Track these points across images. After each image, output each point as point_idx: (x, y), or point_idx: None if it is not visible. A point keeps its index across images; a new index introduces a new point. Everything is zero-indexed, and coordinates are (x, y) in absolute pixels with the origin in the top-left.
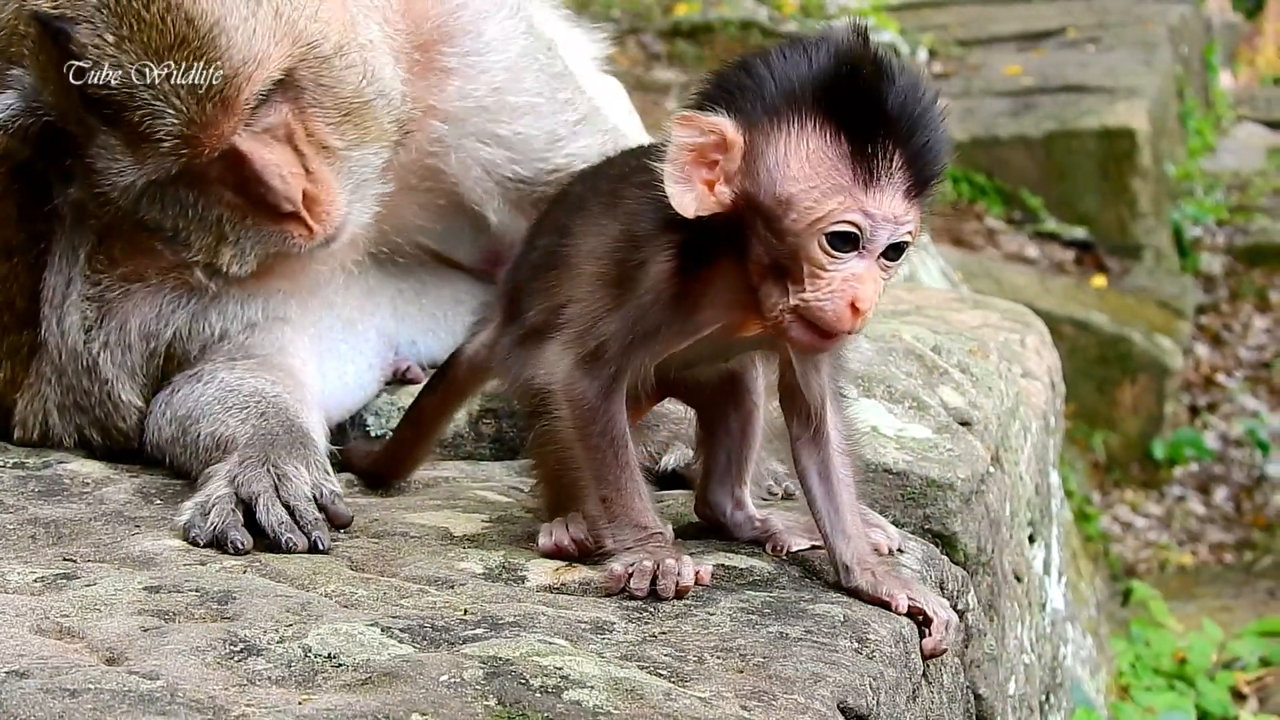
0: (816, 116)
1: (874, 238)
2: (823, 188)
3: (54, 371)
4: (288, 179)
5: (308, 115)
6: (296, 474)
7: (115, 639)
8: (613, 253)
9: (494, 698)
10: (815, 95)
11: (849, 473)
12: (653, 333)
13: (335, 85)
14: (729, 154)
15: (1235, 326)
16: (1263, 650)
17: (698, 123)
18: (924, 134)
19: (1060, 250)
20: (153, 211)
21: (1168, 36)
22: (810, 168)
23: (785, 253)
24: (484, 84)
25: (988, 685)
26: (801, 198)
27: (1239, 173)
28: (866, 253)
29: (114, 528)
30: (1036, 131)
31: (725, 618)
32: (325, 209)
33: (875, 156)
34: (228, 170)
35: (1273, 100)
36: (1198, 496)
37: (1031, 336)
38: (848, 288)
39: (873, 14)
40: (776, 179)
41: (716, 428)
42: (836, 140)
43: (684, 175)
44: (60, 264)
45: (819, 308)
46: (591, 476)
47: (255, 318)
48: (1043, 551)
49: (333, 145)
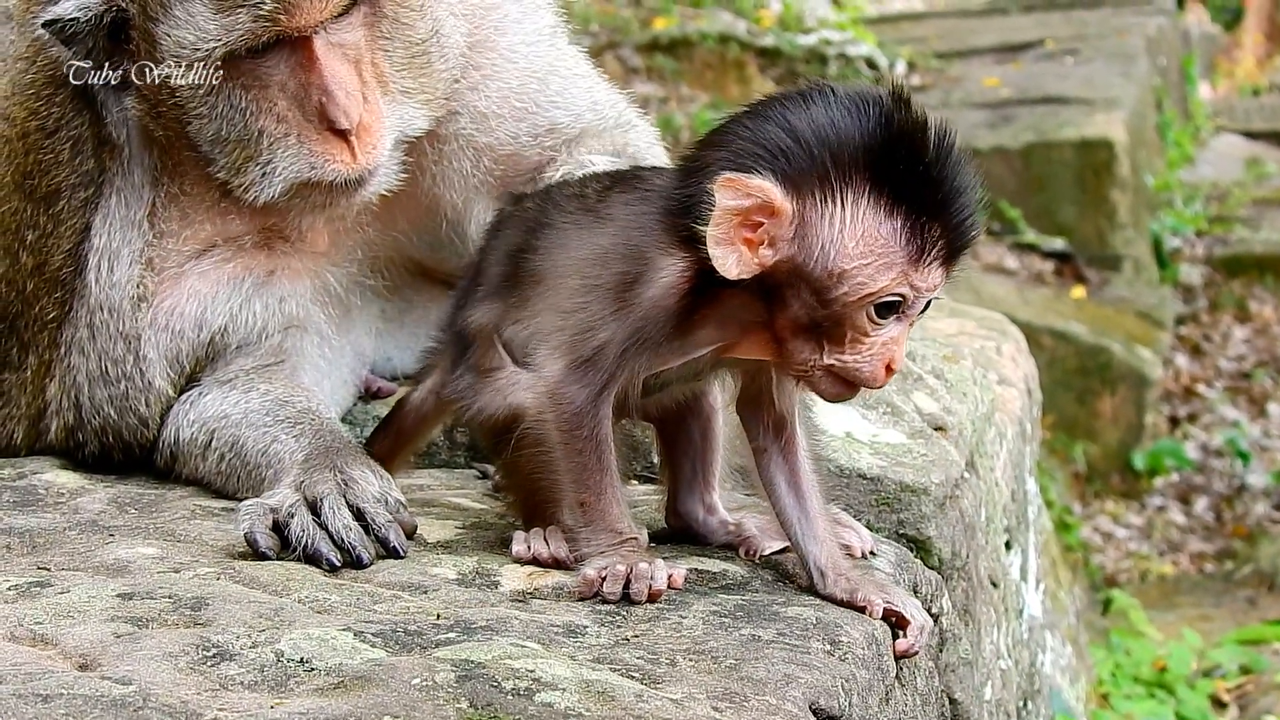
0: (871, 190)
1: (914, 304)
2: (877, 265)
3: (89, 332)
4: (352, 95)
5: (378, 47)
6: (364, 478)
7: (88, 645)
8: (607, 264)
9: (466, 700)
10: (869, 167)
11: (816, 478)
12: (652, 344)
13: (410, 28)
14: (776, 219)
15: (1215, 337)
16: (1243, 658)
17: (743, 186)
18: (967, 207)
19: (1039, 261)
20: (202, 110)
21: (1146, 48)
22: (865, 245)
23: (828, 318)
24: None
25: (963, 689)
26: (855, 274)
27: (1218, 183)
28: (904, 317)
29: (88, 537)
30: (1015, 143)
31: (698, 621)
32: (373, 142)
33: (926, 233)
34: (293, 73)
35: (1251, 111)
36: (1178, 507)
37: (1008, 344)
38: (886, 351)
39: (851, 27)
40: (831, 254)
41: (678, 437)
42: (891, 217)
43: (728, 237)
44: (116, 208)
45: (856, 369)
46: (571, 481)
47: (293, 314)
48: (1019, 558)
49: (391, 84)
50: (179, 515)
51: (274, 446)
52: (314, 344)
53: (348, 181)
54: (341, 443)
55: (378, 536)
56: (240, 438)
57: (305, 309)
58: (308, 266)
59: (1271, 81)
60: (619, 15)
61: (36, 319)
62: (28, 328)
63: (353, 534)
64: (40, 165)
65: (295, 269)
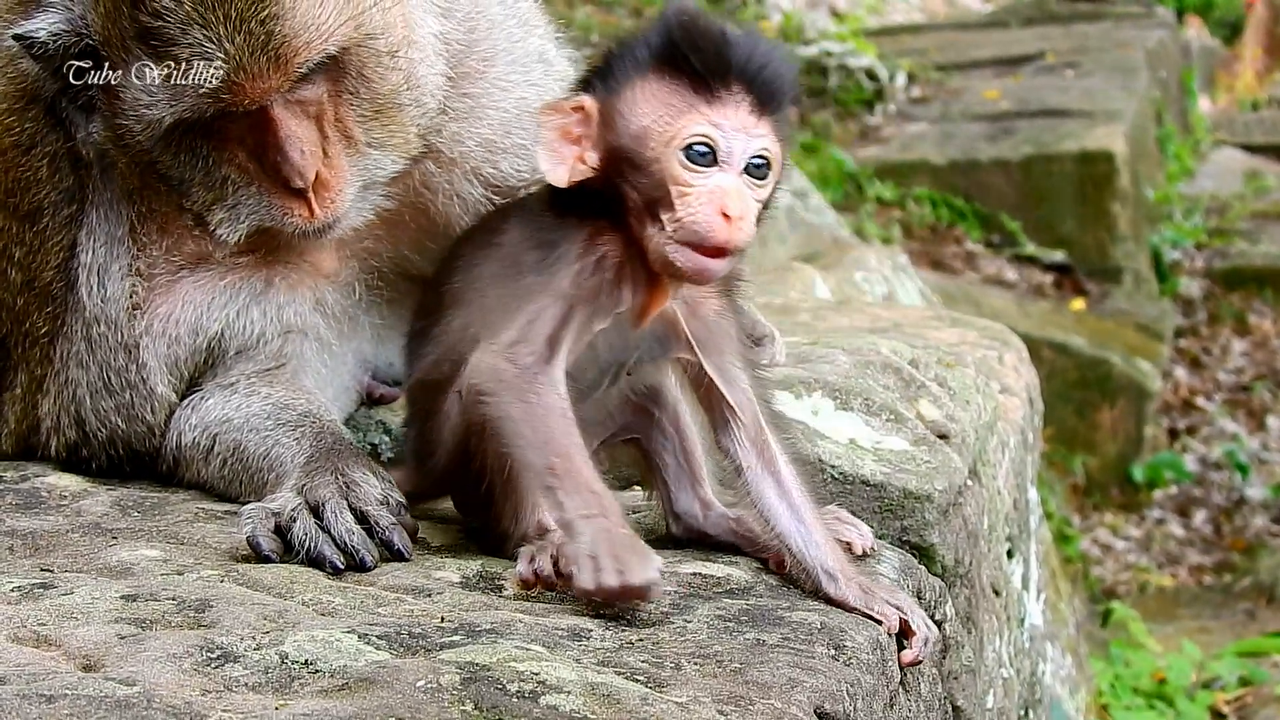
0: (657, 63)
1: (730, 149)
2: (671, 112)
3: (86, 345)
4: (307, 155)
5: (342, 101)
6: (366, 480)
7: (92, 646)
8: (520, 257)
9: (471, 703)
10: (654, 49)
11: (802, 482)
12: (582, 301)
13: (377, 81)
14: (590, 122)
15: (1214, 350)
16: (1242, 670)
17: (559, 107)
18: (758, 58)
19: (1039, 273)
20: (165, 156)
21: (1146, 61)
22: (657, 100)
23: (653, 184)
24: (477, 133)
25: (965, 697)
26: (654, 125)
27: (1217, 196)
28: (727, 166)
29: (91, 539)
30: (1015, 155)
31: (702, 625)
32: (332, 196)
33: (713, 77)
34: (250, 131)
35: (1251, 124)
36: (1177, 519)
37: (1009, 354)
38: (715, 198)
39: (851, 38)
40: (631, 120)
41: (651, 434)
42: (676, 74)
43: (555, 153)
44: (98, 224)
45: (692, 221)
46: (536, 448)
47: (293, 320)
48: (1021, 567)
49: (356, 137)
50: (182, 518)
51: (276, 450)
52: (315, 349)
53: (309, 231)
54: (343, 445)
55: (381, 539)
56: (242, 441)
57: (305, 316)
58: (307, 277)
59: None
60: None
61: (27, 334)
62: (18, 344)
63: (356, 537)
64: (20, 183)
65: (294, 279)
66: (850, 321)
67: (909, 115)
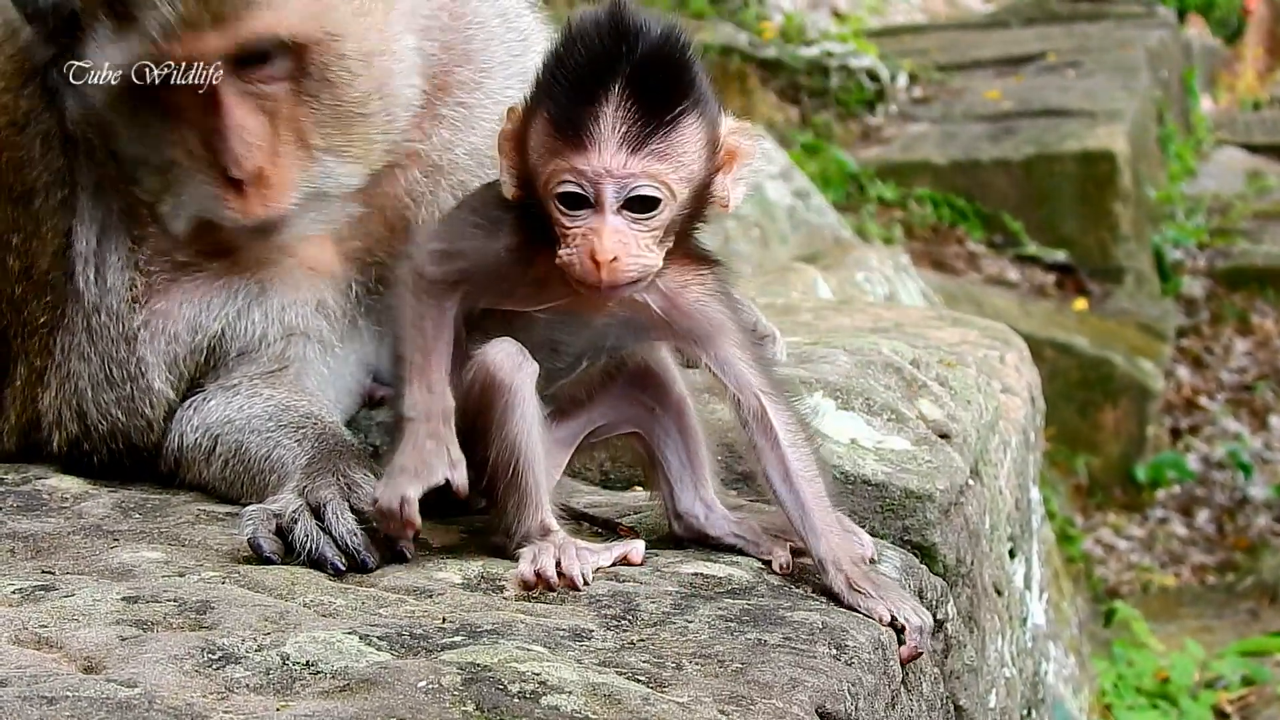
0: (544, 92)
1: (601, 193)
2: (546, 155)
3: (87, 337)
4: (250, 147)
5: (302, 103)
6: (367, 481)
7: (93, 648)
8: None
9: (472, 703)
10: (545, 72)
11: (808, 467)
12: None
13: (342, 86)
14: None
15: (1216, 349)
16: (1245, 670)
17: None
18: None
19: (1041, 273)
20: (121, 132)
21: (1147, 61)
22: (540, 139)
23: (547, 218)
24: (467, 141)
25: (968, 696)
26: (536, 165)
27: (1219, 196)
28: (602, 207)
29: (92, 541)
30: (1017, 155)
31: (703, 625)
32: (273, 195)
33: (577, 122)
34: (202, 115)
35: (1252, 124)
36: (1180, 519)
37: (1011, 353)
38: (585, 242)
39: (853, 39)
40: (531, 154)
41: (655, 432)
42: (552, 111)
43: (504, 162)
44: (91, 210)
45: (569, 262)
46: (407, 342)
47: (294, 323)
48: (1023, 566)
49: (312, 142)
50: (183, 520)
51: (277, 451)
52: (317, 351)
53: (247, 226)
54: (345, 447)
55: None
56: (243, 443)
57: (306, 318)
58: (307, 278)
59: (1272, 95)
60: None
61: (26, 324)
62: (17, 335)
63: (357, 538)
64: (13, 163)
65: (294, 280)
66: (852, 321)
67: (910, 115)
